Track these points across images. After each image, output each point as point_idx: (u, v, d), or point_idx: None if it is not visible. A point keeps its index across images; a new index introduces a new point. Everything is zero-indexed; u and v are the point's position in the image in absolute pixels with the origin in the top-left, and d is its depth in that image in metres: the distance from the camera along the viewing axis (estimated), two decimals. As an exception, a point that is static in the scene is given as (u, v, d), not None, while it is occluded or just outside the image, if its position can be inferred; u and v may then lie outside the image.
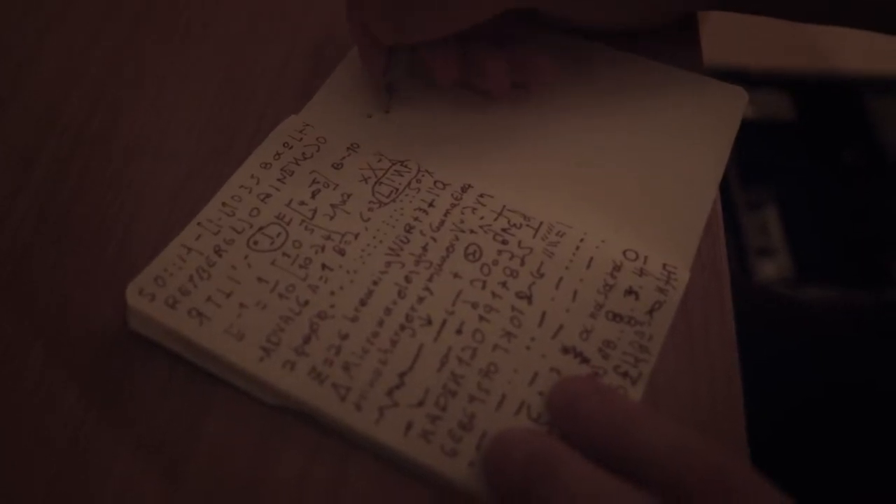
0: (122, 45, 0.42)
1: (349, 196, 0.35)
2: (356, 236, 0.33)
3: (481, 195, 0.35)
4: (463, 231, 0.34)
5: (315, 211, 0.34)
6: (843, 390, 0.50)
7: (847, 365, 0.51)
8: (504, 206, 0.34)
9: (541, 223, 0.34)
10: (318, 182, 0.35)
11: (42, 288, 0.33)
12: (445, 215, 0.34)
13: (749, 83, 0.40)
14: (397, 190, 0.35)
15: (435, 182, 0.35)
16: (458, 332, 0.31)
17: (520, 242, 0.33)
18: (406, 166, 0.36)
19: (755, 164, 1.20)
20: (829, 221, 1.20)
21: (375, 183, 0.35)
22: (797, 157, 1.26)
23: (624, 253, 0.33)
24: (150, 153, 0.38)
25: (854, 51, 1.32)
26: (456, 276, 0.32)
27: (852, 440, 0.49)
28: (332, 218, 0.34)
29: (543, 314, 0.32)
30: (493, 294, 0.32)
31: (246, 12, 0.44)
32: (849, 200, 1.21)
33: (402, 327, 0.31)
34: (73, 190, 0.36)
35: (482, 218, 0.34)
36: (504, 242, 0.33)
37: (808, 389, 0.50)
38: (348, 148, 0.36)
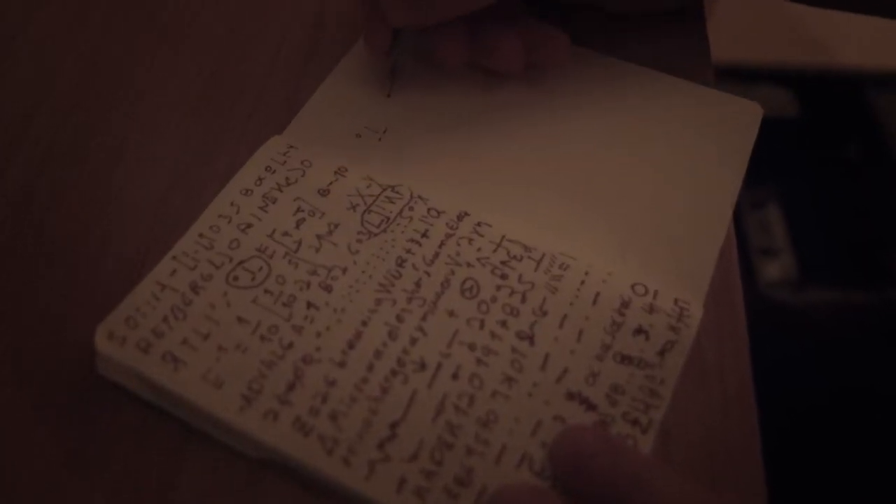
0: (96, 49, 0.40)
1: (336, 226, 0.32)
2: (344, 271, 0.31)
3: (479, 224, 0.33)
4: (459, 264, 0.32)
5: (300, 243, 0.32)
6: (848, 394, 0.50)
7: (851, 368, 0.51)
8: (503, 237, 0.32)
9: (543, 255, 0.32)
10: (302, 210, 0.33)
11: (7, 317, 0.31)
12: (440, 247, 0.32)
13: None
14: (388, 219, 0.33)
15: (429, 209, 0.33)
16: (455, 377, 0.29)
17: (520, 277, 0.31)
18: (397, 192, 0.34)
19: (757, 162, 1.18)
20: (834, 220, 1.18)
21: (365, 211, 0.33)
22: (800, 154, 1.24)
23: (632, 287, 0.31)
24: (126, 165, 0.36)
25: (857, 45, 1.30)
26: (451, 314, 0.30)
27: (857, 444, 0.48)
28: (317, 250, 0.32)
29: (546, 356, 0.30)
30: (492, 334, 0.30)
31: (228, 14, 0.42)
32: (854, 198, 1.19)
33: (394, 372, 0.29)
34: (42, 208, 0.34)
35: (479, 249, 0.32)
36: (503, 277, 0.31)
37: (812, 394, 0.50)
38: (335, 172, 0.34)
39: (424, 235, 0.32)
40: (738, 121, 0.37)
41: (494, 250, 0.32)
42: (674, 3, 0.40)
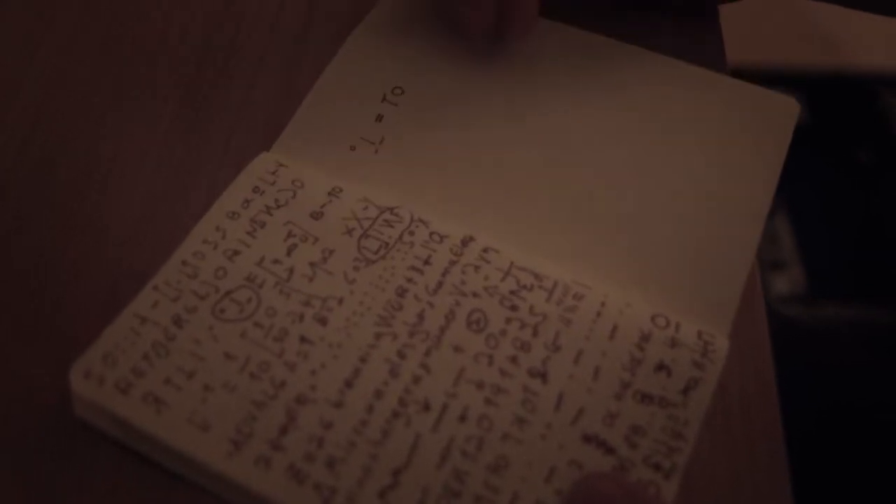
0: (62, 61, 0.39)
1: (331, 252, 0.32)
2: (340, 302, 0.30)
3: (485, 249, 0.32)
4: (465, 294, 0.31)
5: (291, 271, 0.31)
6: (857, 413, 0.50)
7: (864, 387, 0.51)
8: (512, 264, 0.32)
9: (555, 283, 0.31)
10: (294, 235, 0.32)
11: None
12: (444, 275, 0.31)
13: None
14: (387, 244, 0.32)
15: (431, 234, 0.32)
16: (462, 418, 0.28)
17: (531, 308, 0.31)
18: (397, 215, 0.33)
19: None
20: (846, 229, 1.18)
21: (361, 236, 0.32)
22: (810, 159, 1.23)
23: (653, 319, 0.30)
24: (95, 190, 0.35)
25: (871, 45, 1.30)
26: (457, 349, 0.30)
27: (870, 462, 0.48)
28: (311, 279, 0.31)
29: (560, 396, 0.29)
30: (502, 372, 0.29)
31: (204, 21, 0.41)
32: (867, 206, 1.19)
33: (396, 414, 0.28)
34: (6, 235, 0.33)
35: (487, 278, 0.31)
36: (513, 308, 0.31)
37: (822, 414, 0.50)
38: (329, 193, 0.33)
39: (427, 262, 0.32)
40: (771, 120, 0.35)
41: (503, 279, 0.31)
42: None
